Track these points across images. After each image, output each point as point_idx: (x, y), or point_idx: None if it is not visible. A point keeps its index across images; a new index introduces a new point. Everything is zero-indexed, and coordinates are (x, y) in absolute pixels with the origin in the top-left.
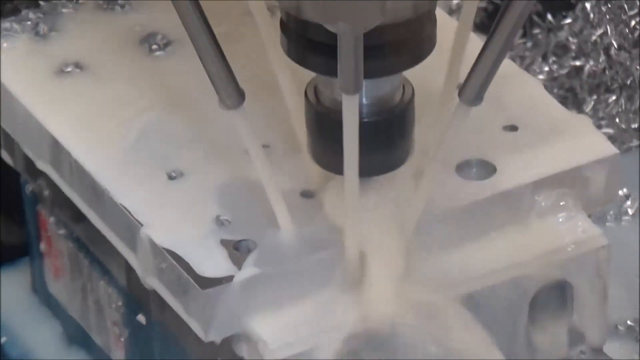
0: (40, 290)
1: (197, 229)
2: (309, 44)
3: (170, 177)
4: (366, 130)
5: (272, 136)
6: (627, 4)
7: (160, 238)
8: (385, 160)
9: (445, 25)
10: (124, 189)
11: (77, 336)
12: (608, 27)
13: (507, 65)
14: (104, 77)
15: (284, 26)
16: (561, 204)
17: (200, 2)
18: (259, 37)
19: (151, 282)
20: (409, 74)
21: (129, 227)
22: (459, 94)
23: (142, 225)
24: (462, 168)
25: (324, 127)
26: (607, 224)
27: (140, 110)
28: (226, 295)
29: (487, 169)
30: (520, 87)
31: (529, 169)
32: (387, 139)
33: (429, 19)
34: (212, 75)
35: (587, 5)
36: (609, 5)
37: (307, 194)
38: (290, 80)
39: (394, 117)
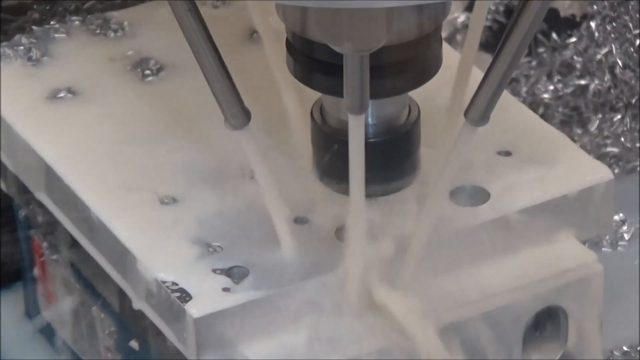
0: (33, 315)
1: (189, 255)
2: (314, 64)
3: (163, 203)
4: (372, 151)
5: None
6: (631, 22)
7: (152, 265)
8: (391, 181)
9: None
10: (116, 216)
11: None
12: (613, 46)
13: None
14: (96, 102)
15: (289, 46)
16: (555, 230)
17: (207, 22)
18: (264, 58)
19: (144, 308)
20: (415, 93)
21: (122, 253)
22: (465, 114)
23: (134, 252)
24: (456, 194)
25: (330, 147)
26: (603, 249)
27: (133, 135)
28: (218, 321)
29: (481, 195)
30: (514, 112)
31: (523, 195)
32: (393, 159)
33: (435, 39)
34: (218, 95)
35: (592, 24)
36: (614, 24)
37: (301, 220)
38: (296, 100)
39: (400, 137)
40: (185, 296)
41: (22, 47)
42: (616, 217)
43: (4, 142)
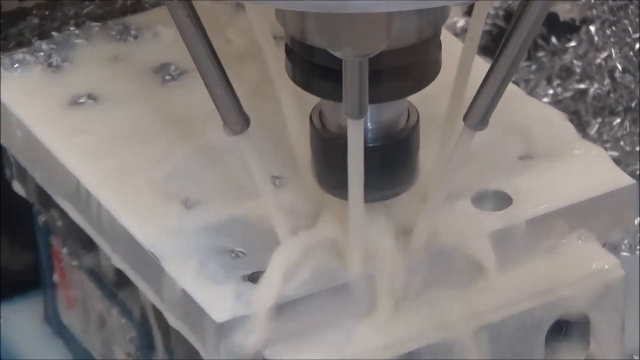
0: (53, 320)
1: (212, 261)
2: (314, 68)
3: (187, 208)
4: (371, 155)
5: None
6: (631, 27)
7: (175, 271)
8: (390, 186)
9: (451, 48)
10: (139, 221)
11: None
12: (612, 50)
13: (517, 91)
14: (117, 107)
15: (289, 51)
16: (577, 234)
17: (206, 27)
18: (263, 64)
19: (167, 315)
20: (414, 98)
21: (145, 259)
22: (464, 118)
23: (157, 258)
24: (478, 199)
25: (329, 152)
26: (622, 253)
27: (154, 141)
28: (241, 326)
29: (504, 200)
30: (537, 115)
31: (545, 199)
32: (392, 164)
33: (434, 44)
34: (217, 100)
35: (592, 28)
36: (614, 28)
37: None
38: (295, 106)
39: (399, 142)
40: (207, 301)
41: (42, 53)
42: (635, 222)
43: (25, 149)
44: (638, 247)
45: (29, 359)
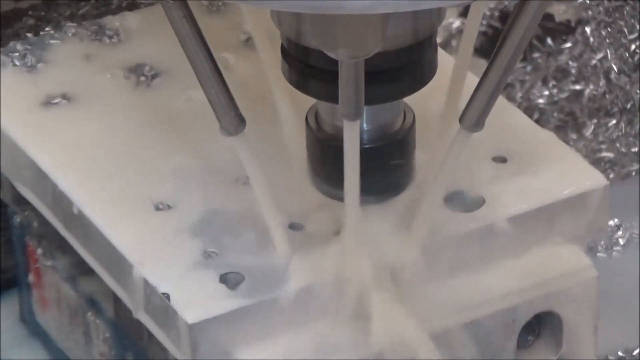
0: (28, 320)
1: (185, 262)
2: (309, 70)
3: (158, 209)
4: (367, 156)
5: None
6: (626, 28)
7: (148, 272)
8: (386, 186)
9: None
10: (112, 222)
11: None
12: (608, 51)
13: None
14: (91, 108)
15: (284, 52)
16: (550, 235)
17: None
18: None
19: (139, 314)
20: (410, 99)
21: (117, 260)
22: (460, 120)
23: (129, 259)
24: (451, 200)
25: (325, 153)
26: (598, 254)
27: (128, 141)
28: (213, 327)
29: (476, 201)
30: (509, 117)
31: (517, 200)
32: (388, 165)
33: (430, 45)
34: (213, 101)
35: (587, 29)
36: (609, 30)
37: (296, 227)
38: (290, 108)
39: (395, 143)
40: (180, 302)
41: (17, 54)
42: (611, 222)
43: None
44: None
45: (5, 359)
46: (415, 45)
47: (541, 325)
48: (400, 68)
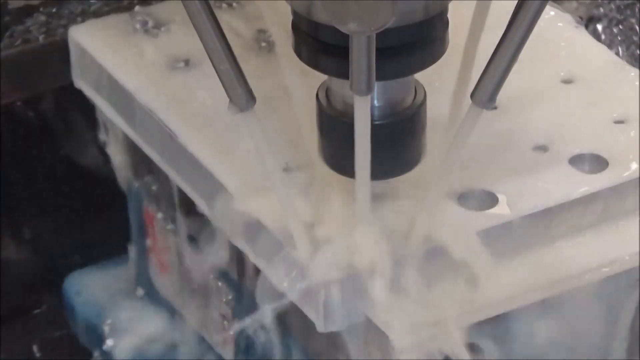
0: (144, 285)
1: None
2: (320, 45)
3: (285, 170)
4: (378, 133)
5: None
6: (638, 25)
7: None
8: (396, 163)
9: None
10: (243, 189)
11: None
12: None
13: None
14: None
15: (295, 28)
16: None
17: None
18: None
19: (278, 285)
20: (421, 75)
21: (248, 225)
22: (472, 96)
23: (265, 226)
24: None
25: (336, 129)
26: None
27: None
28: (344, 285)
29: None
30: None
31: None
32: (399, 141)
33: (441, 21)
34: (223, 77)
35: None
36: (620, 27)
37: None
38: (301, 87)
39: (406, 119)
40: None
41: (139, 18)
42: None
43: (123, 109)
44: None
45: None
46: (427, 20)
47: None
48: (412, 43)
